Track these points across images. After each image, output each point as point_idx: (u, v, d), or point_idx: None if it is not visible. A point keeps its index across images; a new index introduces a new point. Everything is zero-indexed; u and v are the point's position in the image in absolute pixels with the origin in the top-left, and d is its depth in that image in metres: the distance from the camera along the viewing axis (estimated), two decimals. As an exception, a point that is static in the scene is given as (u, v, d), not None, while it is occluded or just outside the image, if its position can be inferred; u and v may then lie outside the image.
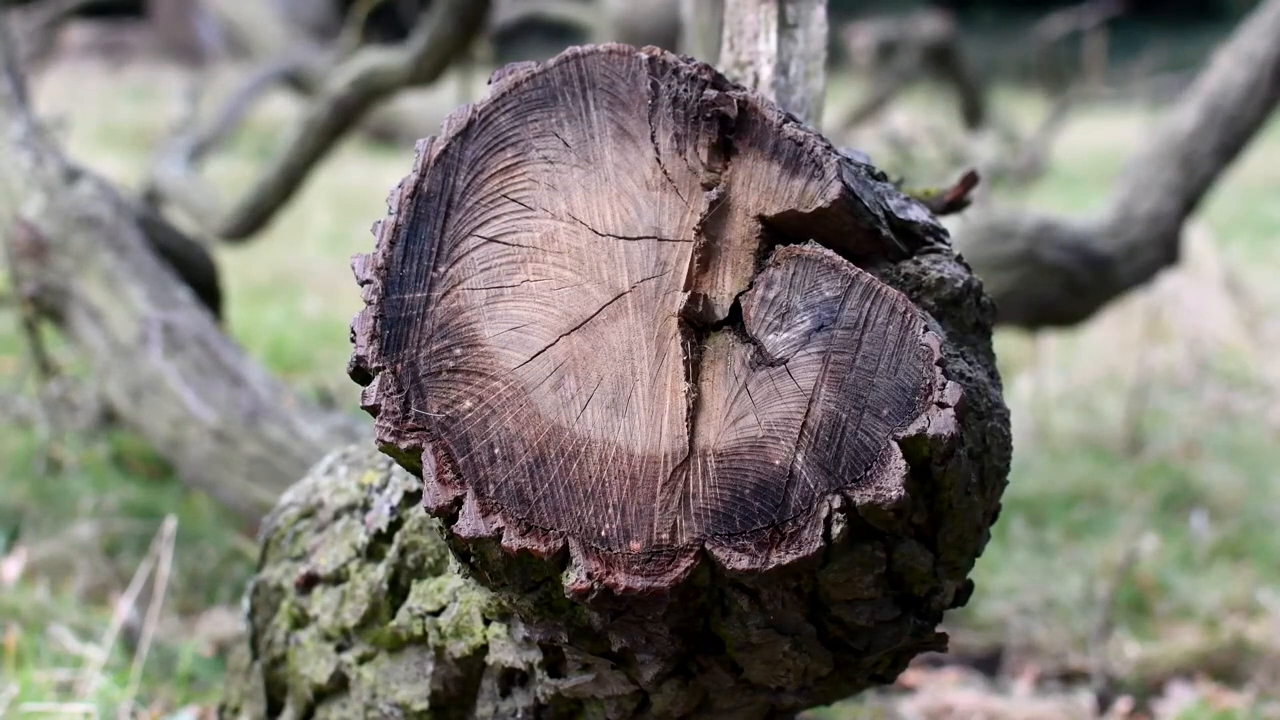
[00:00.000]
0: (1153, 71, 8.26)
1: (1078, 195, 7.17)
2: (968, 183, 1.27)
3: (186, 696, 1.97)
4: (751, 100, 0.95)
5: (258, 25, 6.40)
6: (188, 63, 10.99)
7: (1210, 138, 2.96)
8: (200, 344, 2.14)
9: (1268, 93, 2.93)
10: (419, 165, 0.96)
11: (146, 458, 2.92)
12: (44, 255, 2.22)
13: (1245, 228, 6.55)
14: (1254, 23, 2.97)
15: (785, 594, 0.92)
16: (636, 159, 0.95)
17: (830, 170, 0.93)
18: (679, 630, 0.94)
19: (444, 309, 0.93)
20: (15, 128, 2.35)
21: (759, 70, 1.23)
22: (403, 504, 1.19)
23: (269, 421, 2.06)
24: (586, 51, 0.97)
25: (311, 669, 1.25)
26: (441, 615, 1.13)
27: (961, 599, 1.03)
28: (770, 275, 0.93)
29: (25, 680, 1.86)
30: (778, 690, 1.01)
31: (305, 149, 3.54)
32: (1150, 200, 2.97)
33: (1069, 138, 7.42)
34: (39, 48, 6.54)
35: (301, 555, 1.29)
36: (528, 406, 0.91)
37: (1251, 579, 2.63)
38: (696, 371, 0.92)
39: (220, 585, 2.44)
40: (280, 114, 6.95)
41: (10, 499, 2.71)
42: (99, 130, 7.84)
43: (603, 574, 0.89)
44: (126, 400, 2.17)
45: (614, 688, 1.01)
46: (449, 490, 0.91)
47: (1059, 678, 2.29)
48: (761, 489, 0.89)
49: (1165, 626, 2.47)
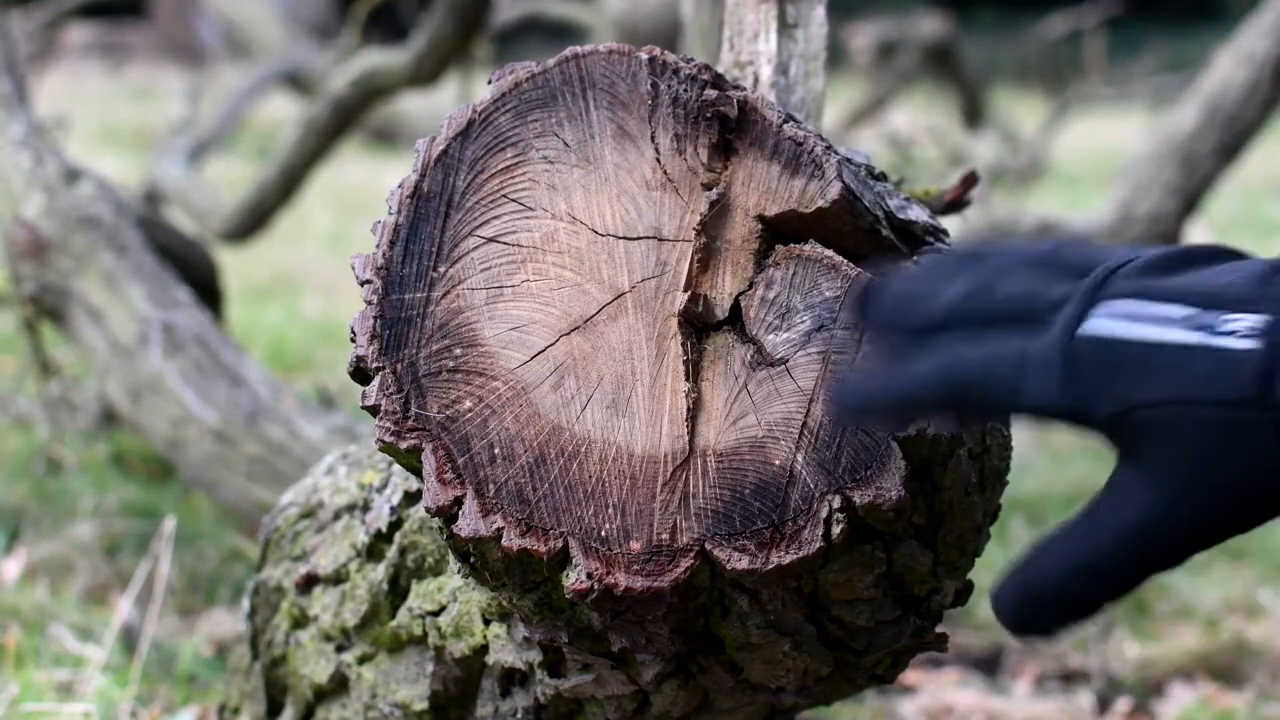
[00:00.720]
0: (1153, 71, 8.26)
1: (1078, 195, 7.18)
2: (968, 183, 1.27)
3: (186, 696, 1.97)
4: (751, 100, 0.95)
5: (258, 25, 6.41)
6: (188, 63, 11.00)
7: (1210, 138, 2.96)
8: (200, 344, 2.14)
9: (1268, 93, 2.93)
10: (419, 165, 0.96)
11: (146, 458, 2.92)
12: (44, 255, 2.22)
13: (1245, 228, 6.55)
14: (1254, 23, 2.97)
15: (785, 594, 0.92)
16: (636, 159, 0.95)
17: (830, 170, 0.93)
18: (679, 630, 0.94)
19: (444, 309, 0.93)
20: (15, 128, 2.35)
21: (759, 70, 1.23)
22: (403, 504, 1.19)
23: (269, 421, 2.06)
24: (586, 51, 0.97)
25: (311, 669, 1.25)
26: (441, 615, 1.13)
27: (961, 599, 1.03)
28: (770, 275, 0.93)
29: (25, 680, 1.86)
30: (778, 690, 1.01)
31: (305, 149, 3.54)
32: (1150, 200, 2.97)
33: (1069, 138, 7.42)
34: (39, 48, 6.55)
35: (301, 555, 1.29)
36: (528, 406, 0.91)
37: (1251, 579, 2.63)
38: (696, 371, 0.92)
39: (220, 585, 2.44)
40: (280, 114, 6.94)
41: (10, 499, 2.71)
42: (99, 130, 7.84)
43: (603, 574, 0.89)
44: (126, 400, 2.17)
45: (614, 688, 1.01)
46: (449, 490, 0.91)
47: (1059, 678, 2.29)
48: (761, 489, 0.89)
49: (1165, 626, 2.47)
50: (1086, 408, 0.78)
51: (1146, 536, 0.77)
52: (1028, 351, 0.79)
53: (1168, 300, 0.77)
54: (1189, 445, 0.76)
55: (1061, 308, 0.80)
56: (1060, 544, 0.80)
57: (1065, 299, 0.80)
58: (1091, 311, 0.79)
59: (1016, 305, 0.82)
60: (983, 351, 0.81)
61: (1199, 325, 0.76)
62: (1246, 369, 0.74)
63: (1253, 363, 0.74)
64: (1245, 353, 0.74)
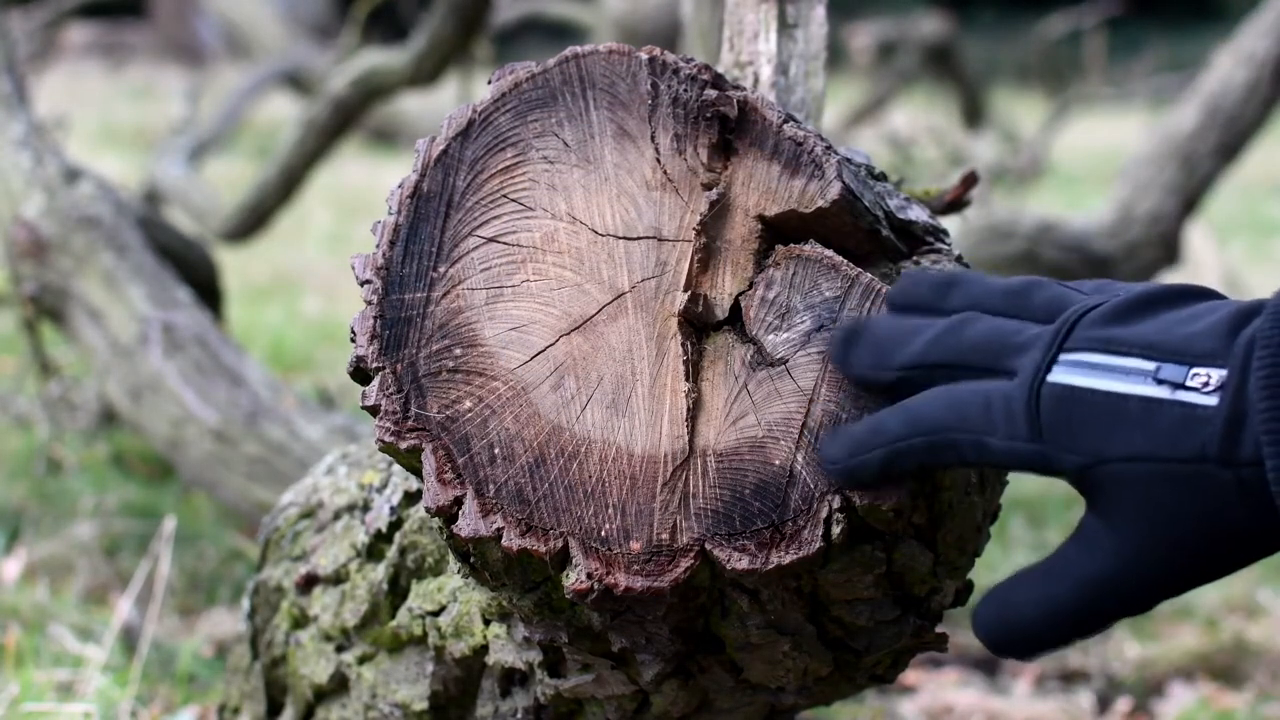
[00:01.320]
0: (1153, 71, 8.26)
1: (1078, 195, 7.17)
2: (968, 183, 1.27)
3: (186, 696, 1.97)
4: (751, 100, 0.95)
5: (258, 25, 6.41)
6: (188, 63, 11.00)
7: (1210, 138, 2.96)
8: (200, 344, 2.14)
9: (1268, 93, 2.92)
10: (419, 165, 0.96)
11: (146, 458, 2.92)
12: (44, 255, 2.22)
13: (1245, 228, 6.55)
14: (1254, 23, 2.97)
15: (785, 594, 0.92)
16: (636, 159, 0.95)
17: (830, 170, 0.93)
18: (679, 630, 0.94)
19: (444, 309, 0.93)
20: (15, 128, 2.35)
21: (759, 70, 1.23)
22: (403, 504, 1.19)
23: (269, 421, 2.06)
24: (586, 51, 0.97)
25: (311, 669, 1.25)
26: (441, 615, 1.13)
27: (961, 599, 1.03)
28: (770, 275, 0.93)
29: (25, 680, 1.86)
30: (778, 690, 1.01)
31: (305, 149, 3.54)
32: (1150, 200, 2.97)
33: (1069, 138, 7.42)
34: (39, 48, 6.55)
35: (301, 555, 1.29)
36: (528, 406, 0.91)
37: (1251, 579, 2.63)
38: (696, 371, 0.92)
39: (220, 585, 2.44)
40: (280, 114, 6.95)
41: (10, 499, 2.71)
42: (99, 130, 7.84)
43: (603, 574, 0.89)
44: (126, 400, 2.17)
45: (614, 688, 1.01)
46: (449, 490, 0.91)
47: (1059, 678, 2.29)
48: (761, 489, 0.89)
49: (1165, 626, 2.47)
50: (1054, 458, 0.79)
51: (1108, 588, 0.79)
52: (993, 397, 0.80)
53: (1133, 352, 0.78)
54: (1153, 499, 0.76)
55: (1027, 351, 0.80)
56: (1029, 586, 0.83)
57: (1031, 343, 0.81)
58: (1058, 359, 0.79)
59: (986, 347, 0.82)
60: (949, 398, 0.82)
61: (1164, 379, 0.76)
62: (1211, 426, 0.74)
63: (1217, 420, 0.74)
64: (1209, 409, 0.74)
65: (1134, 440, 0.76)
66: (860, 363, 0.88)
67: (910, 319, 0.87)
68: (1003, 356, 0.82)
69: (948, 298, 0.88)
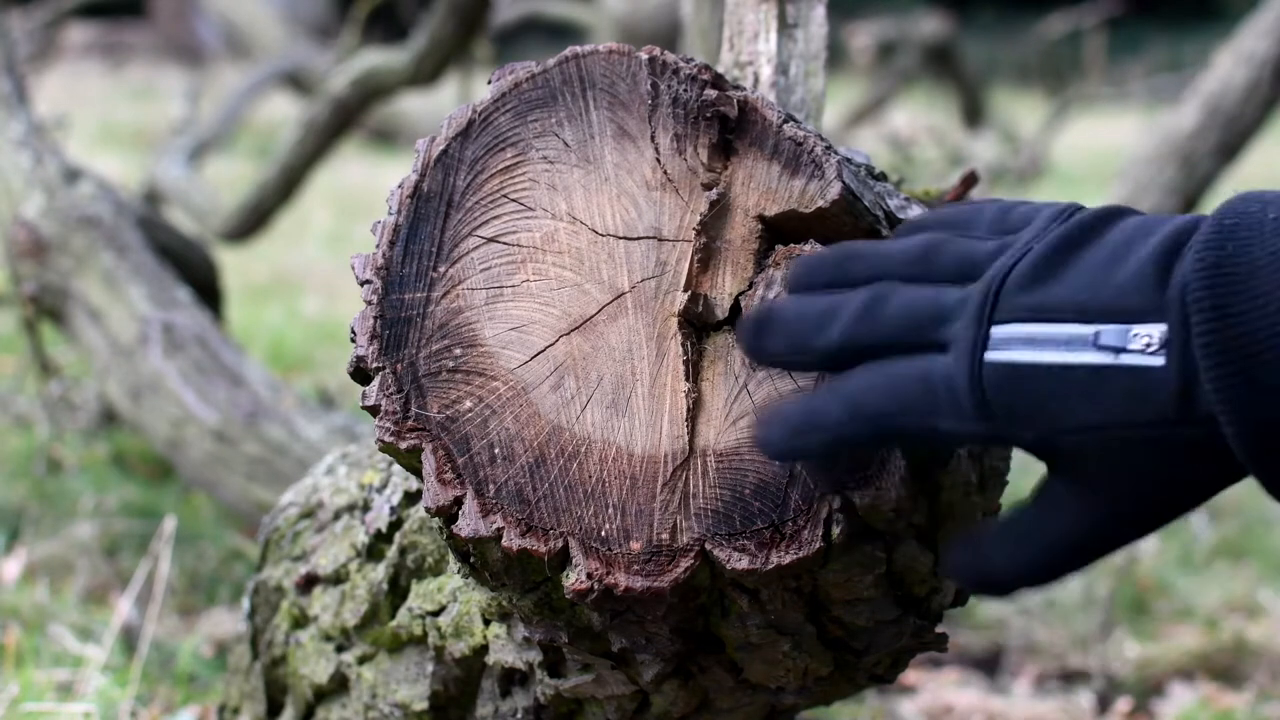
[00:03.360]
0: (1152, 71, 8.26)
1: (1078, 195, 7.15)
2: (968, 183, 1.27)
3: (186, 696, 1.97)
4: (751, 100, 0.95)
5: (258, 25, 6.41)
6: (188, 63, 11.00)
7: (1210, 138, 2.96)
8: (200, 344, 2.14)
9: (1268, 93, 2.92)
10: (419, 165, 0.96)
11: (146, 458, 2.92)
12: (44, 255, 2.22)
13: (1245, 228, 6.52)
14: (1254, 23, 2.97)
15: (785, 594, 0.92)
16: (636, 159, 0.95)
17: (830, 170, 0.93)
18: (679, 630, 0.94)
19: (444, 309, 0.93)
20: (15, 128, 2.35)
21: (759, 70, 1.23)
22: (403, 504, 1.19)
23: (269, 421, 2.06)
24: (586, 51, 0.97)
25: (311, 669, 1.25)
26: (441, 615, 1.13)
27: (961, 599, 1.03)
28: (770, 275, 0.93)
29: (25, 680, 1.86)
30: (778, 690, 1.01)
31: (305, 149, 3.53)
32: (1150, 200, 2.97)
33: (1069, 138, 7.42)
34: (39, 48, 6.55)
35: (301, 555, 1.29)
36: (528, 406, 0.91)
37: (1251, 579, 2.63)
38: (696, 371, 0.92)
39: (220, 585, 2.44)
40: (280, 114, 6.95)
41: (10, 499, 2.71)
42: (99, 130, 7.84)
43: (603, 574, 0.89)
44: (126, 400, 2.17)
45: (614, 688, 1.01)
46: (449, 490, 0.91)
47: (1059, 678, 2.30)
48: (761, 489, 0.89)
49: (1165, 626, 2.47)
50: (1007, 434, 0.79)
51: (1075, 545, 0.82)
52: (933, 379, 0.80)
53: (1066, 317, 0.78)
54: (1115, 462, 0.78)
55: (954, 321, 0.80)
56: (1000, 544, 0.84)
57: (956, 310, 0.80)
58: (991, 334, 0.79)
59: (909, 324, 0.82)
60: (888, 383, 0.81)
61: (1105, 345, 0.76)
62: (1164, 389, 0.75)
63: (1169, 381, 0.74)
64: (1158, 369, 0.75)
65: (1088, 411, 0.76)
66: (774, 349, 0.86)
67: (817, 298, 0.86)
68: (928, 329, 0.81)
69: (849, 270, 0.86)
